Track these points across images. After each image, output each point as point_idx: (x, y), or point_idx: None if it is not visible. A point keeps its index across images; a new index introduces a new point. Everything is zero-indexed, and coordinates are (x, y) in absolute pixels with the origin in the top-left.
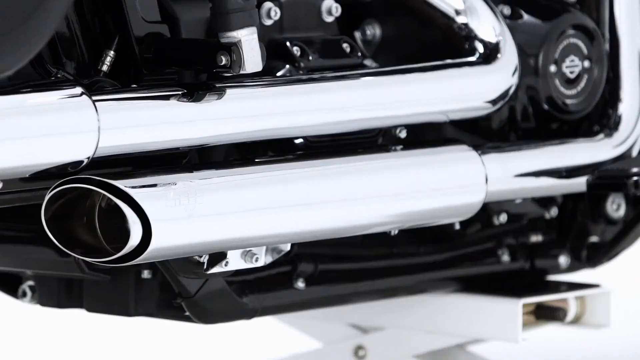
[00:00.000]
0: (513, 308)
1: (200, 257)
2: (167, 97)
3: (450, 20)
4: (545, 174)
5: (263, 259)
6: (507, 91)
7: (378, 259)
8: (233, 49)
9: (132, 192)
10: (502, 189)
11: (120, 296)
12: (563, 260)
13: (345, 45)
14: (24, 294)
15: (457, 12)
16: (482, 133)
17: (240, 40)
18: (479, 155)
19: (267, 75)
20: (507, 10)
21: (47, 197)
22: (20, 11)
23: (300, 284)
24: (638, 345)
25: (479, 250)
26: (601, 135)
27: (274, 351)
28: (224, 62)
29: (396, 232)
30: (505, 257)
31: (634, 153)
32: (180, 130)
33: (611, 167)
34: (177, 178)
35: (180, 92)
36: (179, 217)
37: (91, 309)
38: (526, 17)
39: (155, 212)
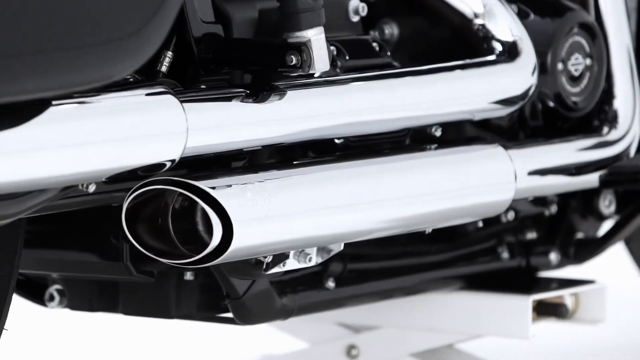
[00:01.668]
0: (523, 304)
1: (265, 257)
2: (242, 97)
3: (469, 20)
4: (564, 171)
5: (315, 259)
6: (529, 89)
7: (400, 257)
8: (303, 48)
9: (215, 193)
10: (528, 186)
11: (162, 298)
12: (553, 257)
13: (374, 44)
14: (52, 298)
15: (476, 12)
16: (493, 132)
17: (309, 40)
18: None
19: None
20: (514, 9)
21: (128, 199)
22: (143, 13)
23: (331, 284)
24: (623, 339)
25: (485, 248)
26: (606, 131)
27: (264, 352)
28: (294, 61)
29: (430, 230)
30: (505, 255)
31: (633, 148)
32: (260, 130)
33: (623, 163)
34: (250, 178)
35: (244, 93)
36: (256, 217)
37: (128, 311)
38: (533, 15)
39: (236, 212)
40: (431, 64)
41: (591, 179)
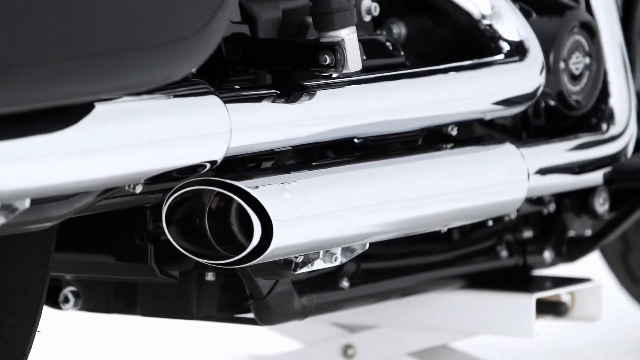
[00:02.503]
0: (526, 303)
1: (296, 257)
2: (274, 98)
3: (477, 19)
4: (571, 168)
5: (340, 259)
6: (538, 88)
7: (409, 256)
8: (336, 48)
9: (256, 194)
10: (539, 184)
11: (183, 299)
12: (548, 255)
13: (388, 44)
14: (66, 300)
15: (484, 12)
16: (497, 130)
17: (343, 39)
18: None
19: None
20: (517, 8)
21: (169, 200)
22: (202, 15)
23: (345, 283)
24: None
25: (487, 247)
26: (605, 129)
27: (259, 352)
28: (327, 61)
29: (445, 229)
30: (504, 254)
31: (632, 144)
32: (298, 129)
33: (626, 161)
34: (285, 179)
35: (275, 93)
36: (294, 217)
37: (146, 313)
38: (535, 15)
39: (275, 212)
40: (438, 63)
41: (596, 177)
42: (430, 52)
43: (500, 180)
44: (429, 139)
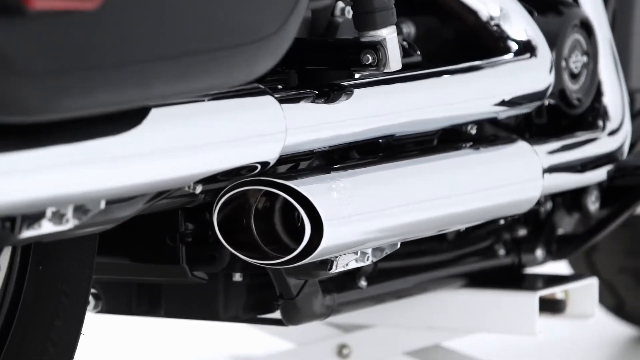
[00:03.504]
0: (529, 301)
1: (335, 257)
2: (313, 98)
3: (486, 19)
4: (578, 166)
5: (371, 258)
6: (549, 86)
7: (420, 255)
8: (378, 47)
9: (308, 194)
10: (551, 183)
11: (210, 300)
12: (539, 253)
13: (405, 43)
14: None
15: (493, 11)
16: (502, 129)
17: (384, 38)
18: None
19: None
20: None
21: (221, 201)
22: (281, 14)
23: (363, 282)
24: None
25: (487, 245)
26: (601, 126)
27: (252, 353)
28: (370, 60)
29: (464, 228)
30: (501, 252)
31: (627, 143)
32: (345, 128)
33: (629, 159)
34: (331, 178)
35: (314, 94)
36: (342, 217)
37: (171, 314)
38: (536, 13)
39: (326, 212)
40: (447, 62)
41: (600, 174)
42: (438, 51)
43: (521, 178)
44: (445, 138)
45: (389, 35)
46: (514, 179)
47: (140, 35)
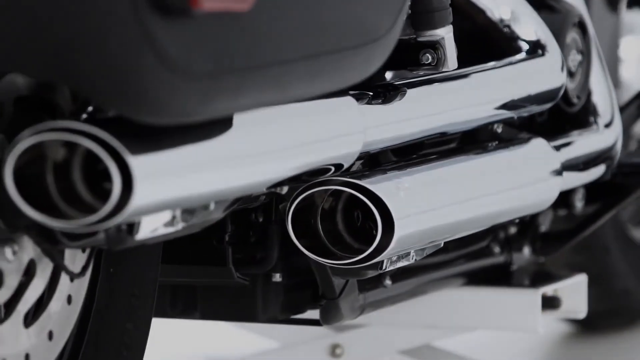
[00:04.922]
0: (532, 298)
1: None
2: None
3: (497, 20)
4: (584, 163)
5: (415, 257)
6: (563, 85)
7: (438, 254)
8: (437, 47)
9: (381, 194)
10: (567, 180)
11: (248, 302)
12: (527, 251)
13: None
14: None
15: (504, 12)
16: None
17: (443, 38)
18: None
19: None
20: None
21: (295, 202)
22: (393, 14)
23: (388, 281)
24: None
25: (488, 245)
26: (596, 123)
27: (245, 352)
28: (429, 60)
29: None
30: (497, 250)
31: (619, 141)
32: (411, 127)
33: (630, 156)
34: (394, 177)
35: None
36: (409, 215)
37: (207, 316)
38: (537, 13)
39: (397, 212)
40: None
41: (601, 170)
42: None
43: (546, 175)
44: (469, 138)
45: (447, 35)
46: (542, 176)
47: (286, 36)
